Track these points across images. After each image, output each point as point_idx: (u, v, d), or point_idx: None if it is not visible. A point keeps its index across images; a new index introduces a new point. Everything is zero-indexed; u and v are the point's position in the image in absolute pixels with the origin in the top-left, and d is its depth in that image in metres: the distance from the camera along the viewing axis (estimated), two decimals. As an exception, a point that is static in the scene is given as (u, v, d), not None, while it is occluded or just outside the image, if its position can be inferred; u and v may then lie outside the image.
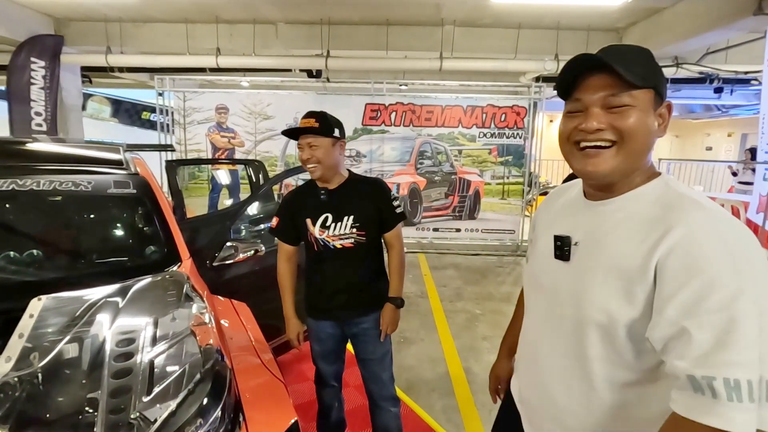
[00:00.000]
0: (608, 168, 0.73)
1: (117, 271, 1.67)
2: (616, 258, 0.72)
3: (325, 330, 1.75)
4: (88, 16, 5.44)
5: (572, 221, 0.84)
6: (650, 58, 0.75)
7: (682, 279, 0.63)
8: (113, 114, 11.00)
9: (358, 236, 1.63)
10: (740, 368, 0.58)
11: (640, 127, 0.71)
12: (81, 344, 1.19)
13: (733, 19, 3.72)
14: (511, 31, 5.37)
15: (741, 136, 12.29)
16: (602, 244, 0.76)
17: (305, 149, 1.57)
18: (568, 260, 0.81)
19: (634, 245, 0.70)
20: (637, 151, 0.73)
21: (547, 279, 0.86)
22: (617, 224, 0.75)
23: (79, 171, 1.84)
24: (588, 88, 0.73)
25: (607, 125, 0.72)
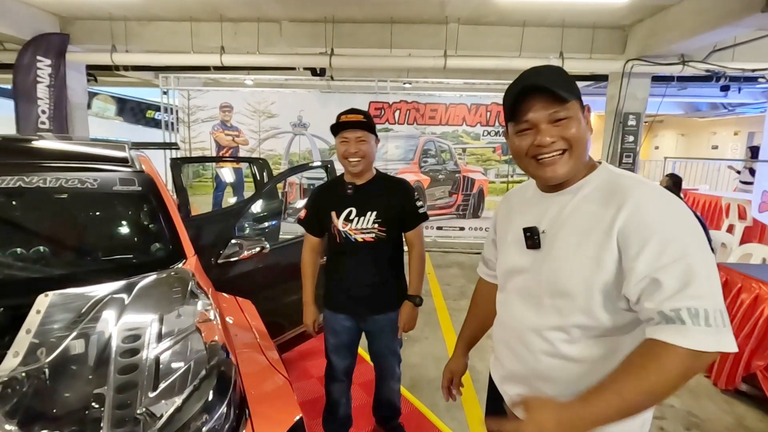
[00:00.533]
0: (564, 171, 0.88)
1: (122, 267, 1.68)
2: (582, 234, 0.85)
3: (342, 323, 1.78)
4: (94, 14, 5.46)
5: (536, 213, 0.96)
6: (565, 74, 0.91)
7: (642, 240, 0.77)
8: (118, 112, 11.05)
9: (379, 231, 1.68)
10: (699, 300, 0.72)
11: (581, 133, 0.87)
12: (87, 340, 1.19)
13: (741, 16, 3.68)
14: (516, 29, 5.34)
15: (747, 135, 12.18)
16: (567, 225, 0.89)
17: (352, 143, 1.61)
18: (539, 248, 0.93)
19: (595, 220, 0.84)
20: (582, 152, 0.88)
21: (523, 267, 0.97)
22: (576, 207, 0.89)
23: (85, 168, 1.85)
24: (533, 109, 0.87)
25: (557, 137, 0.86)
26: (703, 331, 0.71)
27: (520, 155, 0.92)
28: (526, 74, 0.90)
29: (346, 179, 1.72)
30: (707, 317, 0.72)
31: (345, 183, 1.71)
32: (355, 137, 1.61)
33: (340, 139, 1.64)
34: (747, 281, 2.56)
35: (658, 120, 12.03)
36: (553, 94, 0.84)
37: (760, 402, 2.43)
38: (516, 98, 0.87)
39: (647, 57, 5.17)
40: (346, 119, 1.62)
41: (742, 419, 2.37)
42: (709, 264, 0.76)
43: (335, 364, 1.86)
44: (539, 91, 0.85)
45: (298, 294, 2.52)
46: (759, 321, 2.40)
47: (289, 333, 2.42)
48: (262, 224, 3.17)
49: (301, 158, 6.05)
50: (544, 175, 0.89)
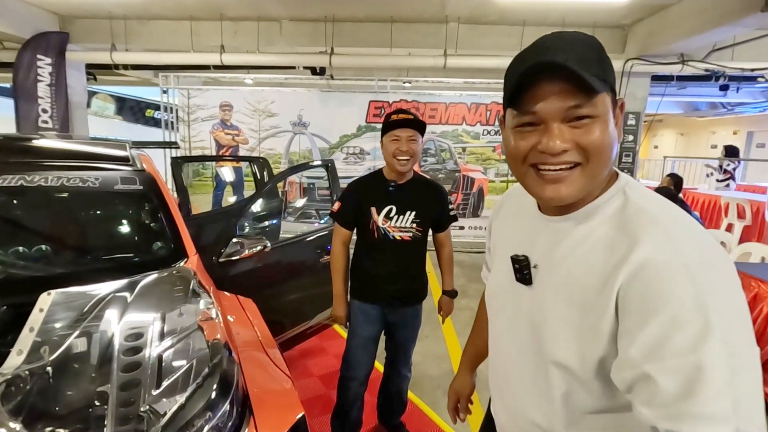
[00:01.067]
0: (572, 192, 0.62)
1: (124, 266, 1.68)
2: (577, 287, 0.63)
3: (372, 312, 1.82)
4: (93, 13, 5.45)
5: (528, 239, 0.74)
6: (601, 50, 0.61)
7: (642, 315, 0.54)
8: (117, 111, 11.03)
9: (416, 231, 1.75)
10: (709, 422, 0.49)
11: (607, 141, 0.60)
12: (90, 339, 1.20)
13: (741, 16, 3.69)
14: (516, 28, 5.34)
15: (746, 134, 12.20)
16: (563, 268, 0.66)
17: (404, 142, 1.64)
18: (530, 284, 0.71)
19: (595, 272, 0.61)
20: (604, 167, 0.62)
21: (510, 303, 0.77)
22: (575, 245, 0.65)
23: (86, 167, 1.86)
24: (543, 97, 0.59)
25: (572, 144, 0.60)
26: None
27: (517, 158, 0.65)
28: (545, 42, 0.61)
29: (387, 176, 1.76)
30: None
31: (386, 180, 1.75)
32: (407, 136, 1.64)
33: (391, 137, 1.66)
34: (746, 280, 2.57)
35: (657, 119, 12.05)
36: (578, 79, 0.56)
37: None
38: (523, 77, 0.59)
39: (647, 56, 5.18)
40: (398, 118, 1.65)
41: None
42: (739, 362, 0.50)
43: (358, 359, 1.86)
44: (559, 71, 0.57)
45: (299, 292, 2.55)
46: (758, 319, 2.41)
47: (290, 331, 2.43)
48: (263, 223, 3.17)
49: (301, 157, 6.05)
50: (542, 194, 0.64)
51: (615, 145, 0.62)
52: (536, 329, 0.69)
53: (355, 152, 6.00)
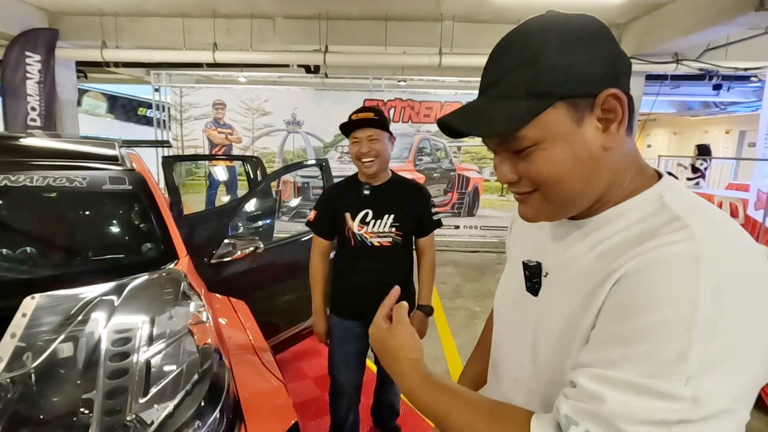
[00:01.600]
0: (541, 215, 0.58)
1: (112, 268, 1.64)
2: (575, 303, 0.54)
3: (352, 329, 1.68)
4: (83, 9, 5.37)
5: (542, 243, 0.65)
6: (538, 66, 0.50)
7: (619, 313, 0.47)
8: (109, 110, 10.89)
9: (396, 236, 1.63)
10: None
11: (558, 169, 0.52)
12: (76, 344, 1.16)
13: (735, 15, 3.70)
14: (512, 26, 5.22)
15: (738, 133, 12.31)
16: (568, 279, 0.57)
17: (364, 142, 1.54)
18: (536, 295, 0.63)
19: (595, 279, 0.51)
20: (568, 193, 0.54)
21: (514, 315, 0.69)
22: (584, 252, 0.56)
23: (73, 167, 1.81)
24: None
25: (519, 174, 0.55)
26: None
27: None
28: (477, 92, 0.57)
29: (361, 179, 1.64)
30: None
31: (361, 183, 1.64)
32: (366, 136, 1.53)
33: (351, 139, 1.57)
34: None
35: (651, 119, 12.12)
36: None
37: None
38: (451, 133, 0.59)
39: (641, 55, 5.19)
40: (356, 117, 1.55)
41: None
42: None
43: (343, 378, 1.73)
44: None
45: (292, 294, 2.51)
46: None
47: (284, 333, 2.39)
48: (256, 223, 3.13)
49: (295, 156, 6.00)
50: (519, 212, 0.62)
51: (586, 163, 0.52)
52: (537, 343, 0.62)
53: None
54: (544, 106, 0.50)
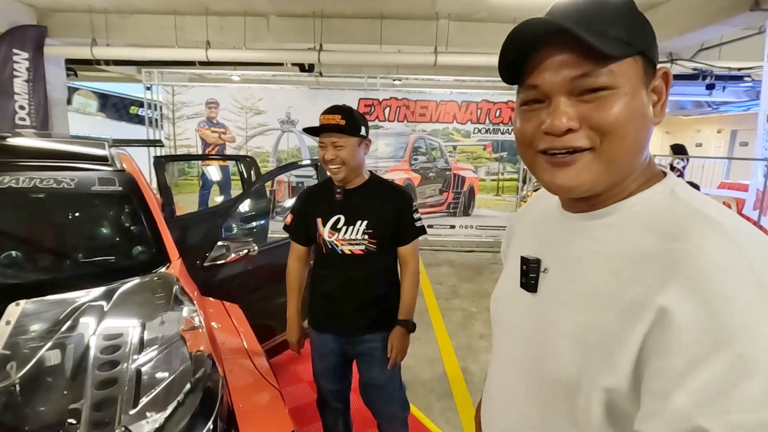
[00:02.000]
0: (586, 181, 0.52)
1: (102, 273, 1.59)
2: (593, 303, 0.51)
3: (327, 344, 1.59)
4: (72, 6, 5.28)
5: (544, 238, 0.63)
6: (631, 7, 0.50)
7: (698, 352, 0.40)
8: (100, 108, 10.75)
9: (369, 244, 1.49)
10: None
11: (628, 119, 0.49)
12: (63, 352, 1.12)
13: (730, 15, 3.71)
14: (507, 25, 5.30)
15: (730, 133, 12.42)
16: (576, 275, 0.54)
17: (329, 149, 1.43)
18: (534, 292, 0.61)
19: (621, 284, 0.48)
20: (626, 152, 0.50)
21: (509, 314, 0.67)
22: (598, 250, 0.53)
23: (61, 167, 1.76)
24: (545, 68, 0.50)
25: (581, 121, 0.50)
26: None
27: (523, 143, 0.56)
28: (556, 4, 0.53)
29: (335, 182, 1.52)
30: None
31: (334, 186, 1.52)
32: (331, 142, 1.42)
33: (318, 143, 1.46)
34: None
35: (644, 118, 12.19)
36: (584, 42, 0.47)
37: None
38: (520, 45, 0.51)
39: (636, 55, 5.20)
40: (323, 122, 1.43)
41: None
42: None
43: (325, 389, 1.66)
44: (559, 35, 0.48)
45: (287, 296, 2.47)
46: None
47: (280, 336, 2.35)
48: (250, 224, 3.08)
49: (290, 156, 5.94)
50: (553, 181, 0.54)
51: (646, 124, 0.50)
52: (537, 346, 0.58)
53: (345, 150, 5.93)
54: (633, 52, 0.49)
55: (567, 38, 0.48)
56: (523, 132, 0.55)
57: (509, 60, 0.53)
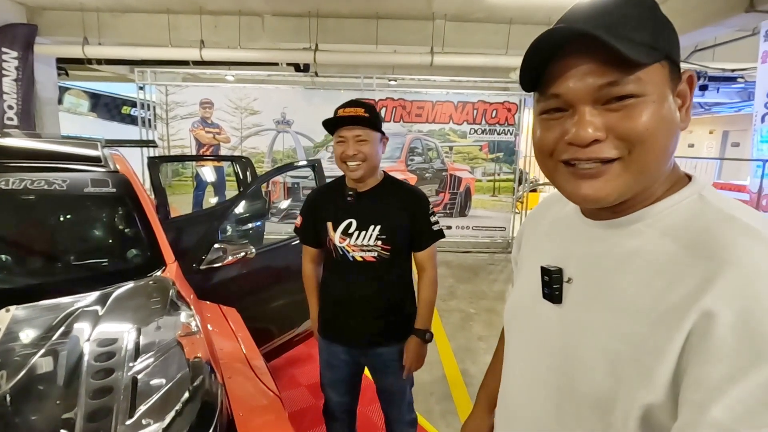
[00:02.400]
0: (613, 192, 0.50)
1: (95, 277, 1.55)
2: (625, 314, 0.49)
3: (338, 356, 1.50)
4: (63, 4, 5.20)
5: (565, 247, 0.61)
6: (653, 8, 0.49)
7: (739, 363, 0.39)
8: (91, 108, 10.62)
9: (382, 250, 1.40)
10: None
11: (658, 128, 0.47)
12: (55, 359, 1.08)
13: (726, 16, 3.73)
14: (503, 26, 5.32)
15: (722, 134, 12.56)
16: (605, 287, 0.53)
17: (350, 143, 1.33)
18: (560, 302, 0.58)
19: (654, 294, 0.47)
20: (655, 160, 0.49)
21: (530, 325, 0.64)
22: (628, 259, 0.51)
23: (53, 168, 1.71)
24: (569, 76, 0.48)
25: (607, 132, 0.48)
26: None
27: (543, 153, 0.54)
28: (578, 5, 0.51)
29: (347, 183, 1.44)
30: None
31: (345, 188, 1.43)
32: (354, 136, 1.32)
33: (336, 138, 1.36)
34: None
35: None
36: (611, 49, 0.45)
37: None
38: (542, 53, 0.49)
39: (631, 56, 5.22)
40: (344, 113, 1.33)
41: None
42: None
43: (333, 401, 1.58)
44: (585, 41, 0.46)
45: (285, 299, 2.43)
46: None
47: (277, 340, 2.32)
48: (246, 226, 3.04)
49: (285, 156, 5.90)
50: (577, 193, 0.52)
51: (674, 132, 0.49)
52: (566, 360, 0.55)
53: (341, 151, 5.90)
54: (659, 57, 0.47)
55: (591, 44, 0.46)
56: (544, 141, 0.53)
57: (531, 66, 0.51)
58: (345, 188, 1.43)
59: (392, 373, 1.50)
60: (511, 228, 6.01)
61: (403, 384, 1.54)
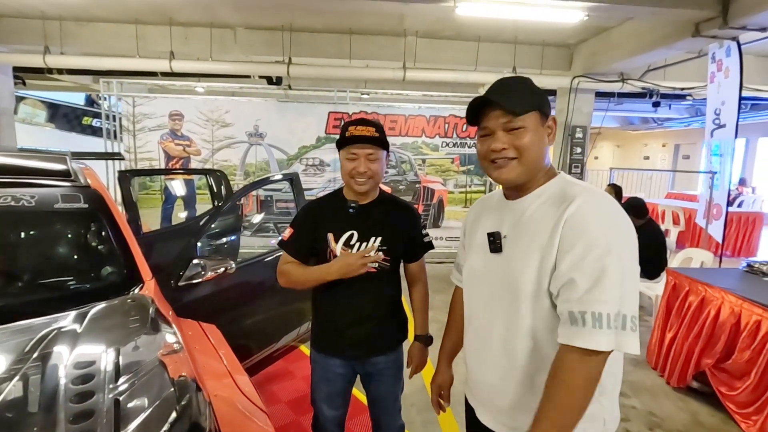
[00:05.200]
0: (513, 175, 0.95)
1: (70, 297, 1.49)
2: (535, 239, 0.91)
3: (335, 370, 1.51)
4: (22, 12, 4.98)
5: (498, 218, 1.02)
6: (530, 87, 0.97)
7: (572, 240, 0.84)
8: (49, 119, 10.12)
9: (383, 261, 1.45)
10: (604, 304, 0.80)
11: (532, 143, 0.93)
12: (32, 384, 1.03)
13: (674, 40, 4.03)
14: (472, 43, 5.52)
15: (674, 147, 13.39)
16: (523, 231, 0.95)
17: (362, 161, 1.38)
18: (500, 251, 0.98)
19: (545, 226, 0.90)
20: (533, 160, 0.94)
21: (486, 270, 1.02)
22: (532, 214, 0.95)
23: (18, 184, 1.64)
24: (491, 118, 0.95)
25: (509, 145, 0.93)
26: (601, 333, 0.79)
27: (481, 157, 1.01)
28: (492, 86, 0.98)
29: (347, 196, 1.47)
30: (609, 320, 0.79)
31: (346, 200, 1.46)
32: (366, 154, 1.38)
33: (347, 154, 1.40)
34: (694, 284, 2.75)
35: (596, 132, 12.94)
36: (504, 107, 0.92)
37: (710, 398, 2.60)
38: (474, 108, 0.98)
39: (591, 74, 5.53)
40: (357, 133, 1.38)
41: (696, 415, 2.53)
42: (627, 271, 0.82)
43: (325, 415, 1.57)
44: (495, 104, 0.94)
45: (263, 314, 2.40)
46: (706, 322, 2.58)
47: (256, 356, 2.28)
48: (221, 240, 2.98)
49: (258, 169, 5.83)
50: (497, 177, 0.98)
51: (543, 146, 0.96)
52: (511, 280, 0.94)
53: (315, 163, 5.89)
54: (532, 110, 0.94)
55: (497, 104, 0.94)
56: (482, 150, 1.00)
57: (472, 113, 1.00)
58: (344, 200, 1.47)
59: (387, 380, 1.55)
60: (483, 238, 6.15)
61: (396, 390, 1.59)
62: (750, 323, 2.30)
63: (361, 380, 1.59)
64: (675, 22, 3.92)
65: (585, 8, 3.62)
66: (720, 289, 2.53)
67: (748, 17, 3.37)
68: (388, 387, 1.56)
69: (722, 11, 3.47)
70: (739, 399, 2.33)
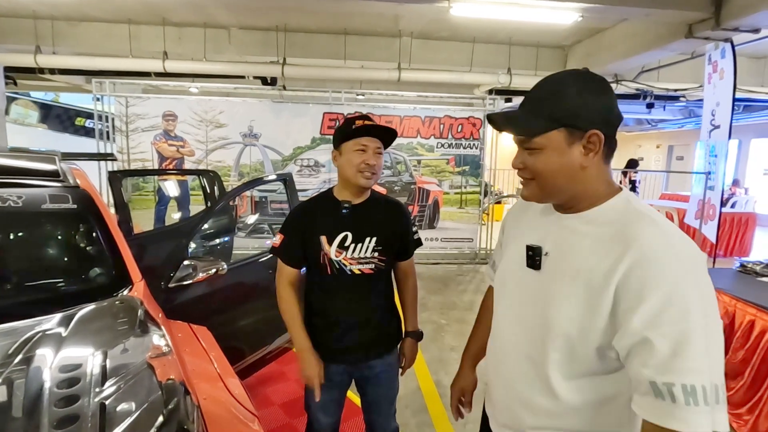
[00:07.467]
0: (530, 195, 0.86)
1: (58, 298, 1.46)
2: (581, 271, 0.78)
3: (332, 377, 1.44)
4: (14, 11, 4.93)
5: (542, 231, 0.89)
6: (558, 101, 0.78)
7: (642, 294, 0.70)
8: (41, 119, 10.04)
9: (379, 261, 1.41)
10: (695, 375, 0.66)
11: (546, 167, 0.80)
12: (13, 388, 1.01)
13: (667, 41, 4.06)
14: (467, 44, 5.53)
15: (668, 148, 13.48)
16: (568, 256, 0.82)
17: (371, 153, 1.34)
18: (539, 269, 0.87)
19: (597, 260, 0.76)
20: (555, 185, 0.82)
21: (518, 286, 0.92)
22: (582, 238, 0.81)
23: (6, 184, 1.61)
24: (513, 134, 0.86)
25: (524, 165, 0.83)
26: (698, 412, 0.65)
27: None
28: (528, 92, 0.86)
29: (338, 197, 1.42)
30: (705, 395, 0.65)
31: (337, 201, 1.41)
32: (375, 147, 1.34)
33: (356, 146, 1.33)
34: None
35: (591, 134, 13.01)
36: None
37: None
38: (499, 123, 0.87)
39: (585, 75, 5.55)
40: (368, 123, 1.34)
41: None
42: (712, 333, 0.69)
43: (321, 423, 1.53)
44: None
45: (256, 316, 2.38)
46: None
47: (250, 358, 2.25)
48: (214, 241, 2.96)
49: (252, 170, 5.80)
50: (522, 193, 0.89)
51: (565, 169, 0.80)
52: (544, 307, 0.83)
53: (310, 164, 5.86)
54: (553, 127, 0.78)
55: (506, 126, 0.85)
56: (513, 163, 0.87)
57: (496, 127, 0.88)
58: (336, 202, 1.42)
59: (383, 383, 1.52)
60: (478, 239, 6.15)
61: (392, 393, 1.57)
62: (744, 323, 2.30)
63: (356, 384, 1.56)
64: (668, 23, 3.94)
65: (579, 9, 3.63)
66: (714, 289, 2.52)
67: (740, 19, 3.39)
68: (385, 390, 1.54)
69: (715, 12, 3.50)
70: (732, 399, 2.33)
